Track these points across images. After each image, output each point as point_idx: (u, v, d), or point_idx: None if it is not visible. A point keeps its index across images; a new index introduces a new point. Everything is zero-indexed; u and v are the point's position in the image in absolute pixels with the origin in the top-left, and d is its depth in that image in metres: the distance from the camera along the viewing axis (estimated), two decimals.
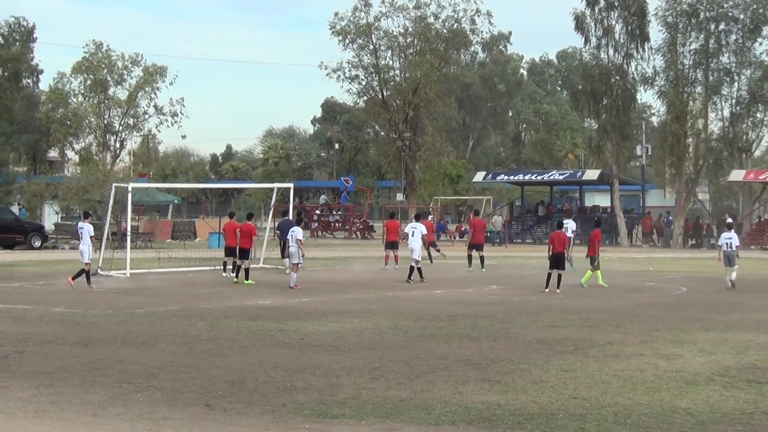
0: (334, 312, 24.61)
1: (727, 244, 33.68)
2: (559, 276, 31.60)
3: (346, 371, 15.84)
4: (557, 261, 31.80)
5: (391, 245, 42.46)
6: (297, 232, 32.63)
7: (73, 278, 31.65)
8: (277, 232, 40.39)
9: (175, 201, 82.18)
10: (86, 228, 32.69)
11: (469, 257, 41.45)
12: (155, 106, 77.78)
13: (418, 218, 38.57)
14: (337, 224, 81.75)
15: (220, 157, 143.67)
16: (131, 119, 78.38)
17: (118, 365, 16.31)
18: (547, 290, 31.25)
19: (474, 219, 44.11)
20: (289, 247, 33.01)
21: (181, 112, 77.96)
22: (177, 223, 75.54)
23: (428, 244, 42.03)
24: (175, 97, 77.51)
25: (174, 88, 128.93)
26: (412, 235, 36.04)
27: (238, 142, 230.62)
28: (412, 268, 35.24)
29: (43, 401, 13.45)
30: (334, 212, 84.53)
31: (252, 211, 41.25)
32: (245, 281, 33.84)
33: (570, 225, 43.72)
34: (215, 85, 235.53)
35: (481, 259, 41.02)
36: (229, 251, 35.43)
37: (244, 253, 34.46)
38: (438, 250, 44.02)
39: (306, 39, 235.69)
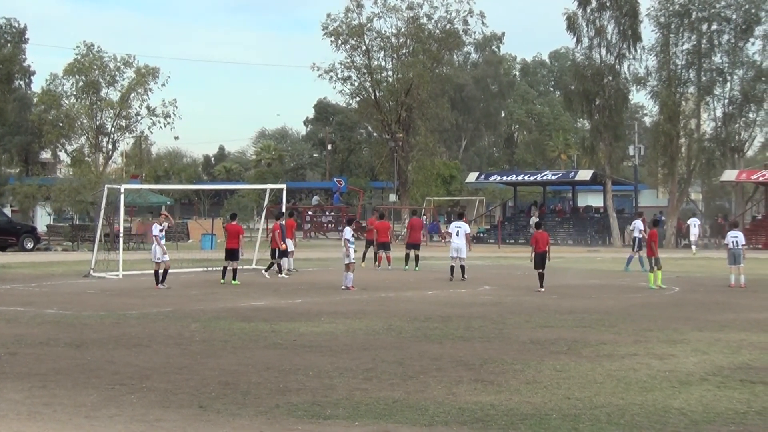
0: (327, 313, 24.59)
1: (733, 242, 33.82)
2: (541, 274, 31.86)
3: (339, 372, 15.83)
4: (542, 260, 32.03)
5: (384, 246, 42.59)
6: (345, 233, 33.26)
7: (158, 283, 32.25)
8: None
9: (168, 202, 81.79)
10: (153, 228, 33.11)
11: (407, 256, 41.73)
12: (147, 108, 77.58)
13: (461, 217, 39.12)
14: (329, 225, 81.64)
15: (212, 159, 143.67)
16: (123, 121, 78.07)
17: (111, 367, 16.29)
18: (543, 289, 31.43)
19: (412, 219, 44.91)
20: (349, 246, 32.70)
21: (173, 114, 77.72)
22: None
23: (379, 245, 42.64)
24: (167, 99, 77.04)
25: (166, 89, 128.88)
26: (457, 235, 36.47)
27: (231, 144, 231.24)
28: (462, 267, 35.68)
29: (36, 403, 13.43)
30: (327, 213, 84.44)
31: (237, 212, 41.05)
32: (232, 281, 33.76)
33: (637, 225, 44.09)
34: (208, 87, 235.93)
35: (416, 258, 41.50)
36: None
37: (232, 254, 34.44)
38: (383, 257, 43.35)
39: (299, 40, 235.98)
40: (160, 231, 33.03)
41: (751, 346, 19.12)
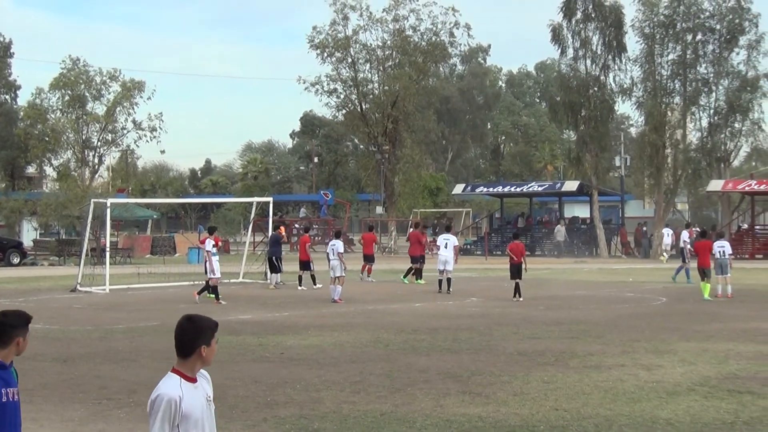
0: (314, 326, 24.62)
1: (720, 252, 33.80)
2: (517, 284, 32.42)
3: (326, 385, 15.86)
4: (518, 270, 32.55)
5: (368, 258, 43.12)
6: (338, 246, 33.34)
7: (215, 296, 32.49)
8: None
9: (154, 216, 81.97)
10: (206, 244, 33.14)
11: (363, 267, 42.80)
12: (134, 122, 77.46)
13: (448, 229, 39.48)
14: (316, 238, 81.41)
15: (199, 172, 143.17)
16: (109, 135, 77.84)
17: (97, 381, 16.31)
18: (521, 299, 31.80)
19: (365, 234, 45.65)
20: (330, 260, 33.25)
21: (159, 127, 77.53)
22: (156, 238, 75.51)
23: (364, 257, 43.42)
24: (153, 112, 76.87)
25: (152, 103, 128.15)
26: (445, 247, 36.43)
27: (217, 157, 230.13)
28: (449, 280, 35.67)
29: (24, 418, 13.32)
30: (314, 226, 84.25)
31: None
32: (207, 295, 33.49)
33: (683, 236, 44.72)
34: (194, 100, 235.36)
35: (369, 269, 42.64)
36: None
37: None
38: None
39: (285, 53, 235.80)
40: (213, 247, 33.27)
41: (738, 356, 19.14)
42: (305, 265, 38.45)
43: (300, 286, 37.82)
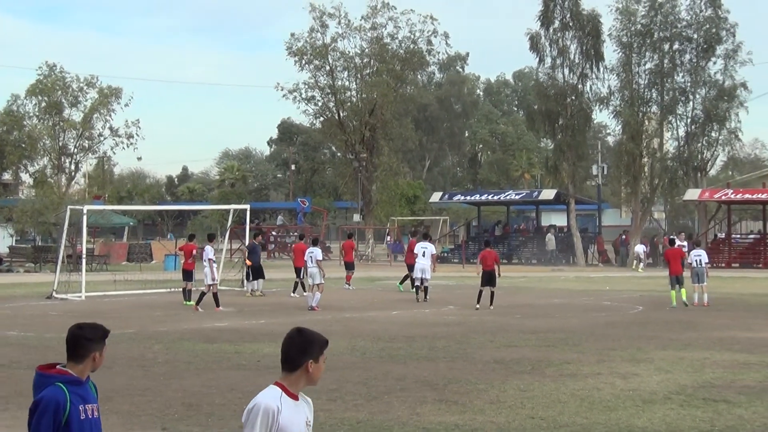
0: None
1: (696, 260, 33.94)
2: (492, 293, 32.31)
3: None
4: (489, 278, 32.35)
5: (348, 266, 43.14)
6: (316, 253, 33.17)
7: (197, 303, 32.04)
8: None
9: (131, 223, 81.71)
10: (207, 250, 32.80)
11: (348, 277, 42.92)
12: (110, 128, 77.25)
13: (426, 237, 39.28)
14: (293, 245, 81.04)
15: (176, 179, 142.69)
16: (86, 141, 77.62)
17: None
18: (478, 307, 31.82)
19: (345, 242, 46.50)
20: (309, 267, 33.25)
21: (136, 134, 77.45)
22: (133, 245, 75.29)
23: (345, 264, 43.91)
24: (130, 119, 76.83)
25: (129, 109, 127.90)
26: (423, 255, 36.23)
27: (195, 164, 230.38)
28: (426, 289, 35.63)
29: None
30: (291, 233, 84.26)
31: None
32: (185, 302, 33.58)
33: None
34: (171, 107, 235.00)
35: (348, 277, 42.56)
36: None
37: (188, 275, 34.36)
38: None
39: (263, 60, 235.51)
40: (215, 254, 33.23)
41: (714, 365, 19.19)
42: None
43: (292, 292, 38.19)
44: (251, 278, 39.07)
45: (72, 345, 6.61)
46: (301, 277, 37.60)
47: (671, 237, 43.21)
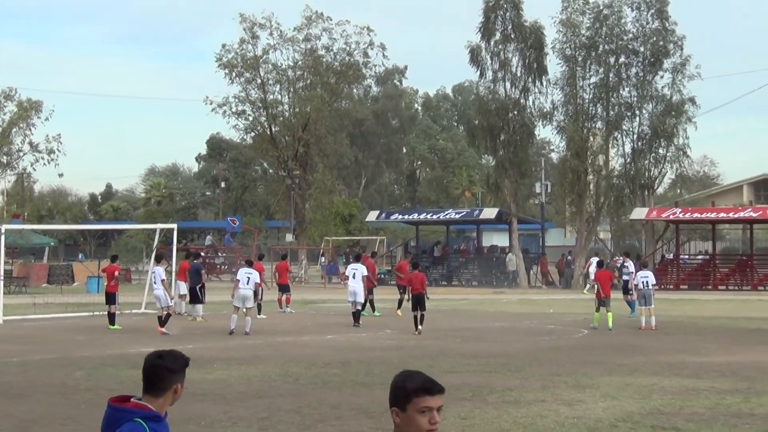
0: (220, 359, 24.42)
1: (643, 283, 34.17)
2: (422, 316, 31.89)
3: (233, 422, 15.86)
4: (418, 301, 32.02)
5: (283, 288, 43.10)
6: (254, 276, 32.78)
7: (162, 325, 31.71)
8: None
9: (52, 243, 79.69)
10: (158, 272, 32.93)
11: (279, 300, 43.09)
12: (30, 143, 76.31)
13: (358, 259, 39.14)
14: (223, 267, 79.05)
15: (99, 197, 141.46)
16: (4, 157, 76.75)
17: None
18: (417, 333, 31.33)
19: (279, 263, 45.67)
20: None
21: (57, 149, 77.26)
22: (53, 266, 73.54)
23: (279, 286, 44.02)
24: (51, 134, 76.14)
25: (50, 123, 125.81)
26: (353, 277, 35.90)
27: (119, 181, 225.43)
28: (357, 313, 34.88)
29: None
30: (220, 254, 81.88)
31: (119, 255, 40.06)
32: (110, 326, 33.26)
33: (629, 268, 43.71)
34: (95, 121, 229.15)
35: (288, 299, 42.80)
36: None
37: (111, 298, 33.88)
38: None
39: (192, 73, 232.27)
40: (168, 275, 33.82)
41: (662, 391, 19.25)
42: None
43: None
44: (190, 301, 38.38)
45: (151, 376, 6.28)
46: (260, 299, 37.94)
47: (599, 260, 44.91)
